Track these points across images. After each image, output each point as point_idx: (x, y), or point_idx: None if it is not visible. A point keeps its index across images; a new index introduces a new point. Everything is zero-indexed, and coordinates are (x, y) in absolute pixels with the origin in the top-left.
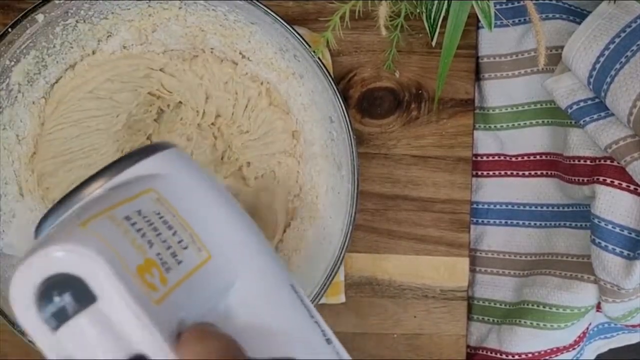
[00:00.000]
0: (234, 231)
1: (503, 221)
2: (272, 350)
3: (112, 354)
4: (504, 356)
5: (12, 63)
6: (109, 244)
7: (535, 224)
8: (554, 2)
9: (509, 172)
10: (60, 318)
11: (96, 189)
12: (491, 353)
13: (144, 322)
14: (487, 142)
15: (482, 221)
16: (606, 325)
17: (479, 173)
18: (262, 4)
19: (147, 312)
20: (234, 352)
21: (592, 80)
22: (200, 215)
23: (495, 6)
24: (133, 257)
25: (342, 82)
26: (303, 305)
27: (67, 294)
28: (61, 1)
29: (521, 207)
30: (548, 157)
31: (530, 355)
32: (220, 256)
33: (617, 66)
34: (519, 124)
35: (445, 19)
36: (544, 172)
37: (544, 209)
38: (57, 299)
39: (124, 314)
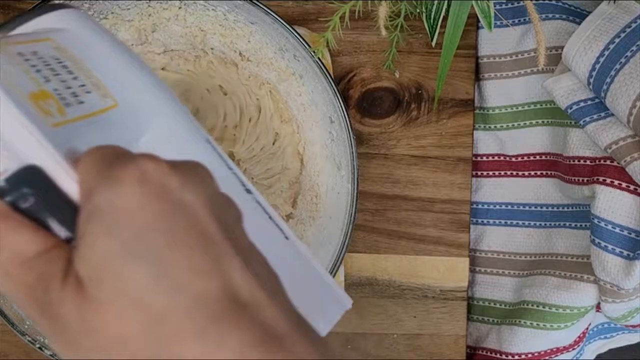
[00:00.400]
0: (143, 84)
1: (503, 221)
2: None
3: (3, 164)
4: (503, 356)
5: None
6: None
7: (535, 224)
8: (553, 2)
9: (508, 173)
10: None
11: None
12: (491, 353)
13: (35, 135)
14: (487, 142)
15: (482, 221)
16: (606, 325)
17: (479, 173)
18: (262, 4)
19: (39, 127)
20: (131, 152)
21: (592, 80)
22: (106, 66)
23: (495, 6)
24: (25, 84)
25: (342, 82)
26: (221, 158)
27: None
28: (60, 1)
29: (521, 207)
30: (548, 157)
31: (530, 355)
32: (128, 106)
33: (617, 66)
34: (519, 124)
35: (445, 19)
36: (544, 172)
37: (544, 209)
38: None
39: (13, 129)
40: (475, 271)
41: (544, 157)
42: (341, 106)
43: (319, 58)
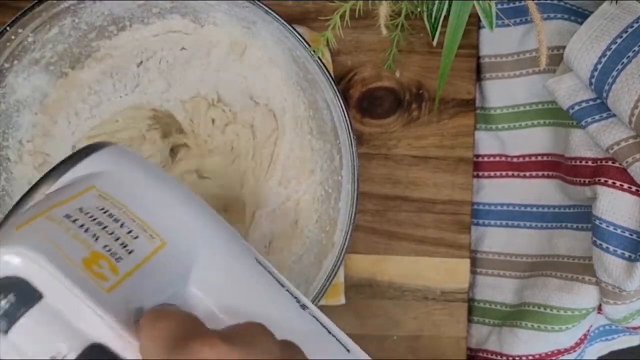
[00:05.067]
0: (187, 216)
1: (504, 222)
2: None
3: (67, 346)
4: (504, 358)
5: (8, 65)
6: (48, 240)
7: (536, 225)
8: (555, 2)
9: (510, 173)
10: (9, 320)
11: (39, 198)
12: (492, 355)
13: (95, 310)
14: (488, 143)
15: (483, 222)
16: (607, 327)
17: (480, 174)
18: (262, 3)
19: (97, 300)
20: (192, 326)
21: (593, 80)
22: (149, 204)
23: (496, 6)
24: (77, 250)
25: (342, 81)
26: (272, 276)
27: (11, 296)
28: (59, 1)
29: (522, 208)
30: (549, 158)
31: (530, 357)
32: (176, 241)
33: (619, 67)
34: (520, 125)
35: (446, 18)
36: (545, 173)
37: (545, 210)
38: (2, 302)
39: (73, 305)
40: (476, 272)
41: (545, 158)
42: (341, 106)
43: (319, 57)
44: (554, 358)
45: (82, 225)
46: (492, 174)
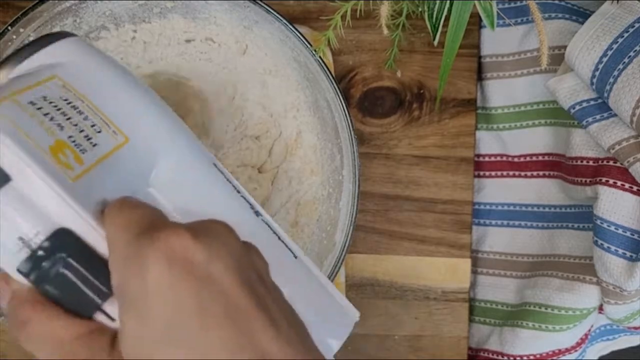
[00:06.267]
0: (150, 114)
1: (505, 222)
2: None
3: (34, 229)
4: (505, 358)
5: None
6: (16, 124)
7: (537, 225)
8: (556, 1)
9: (511, 173)
10: None
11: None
12: (493, 355)
13: (62, 196)
14: (489, 143)
15: (484, 222)
16: (608, 327)
17: (481, 174)
18: (264, 3)
19: (64, 187)
20: (158, 217)
21: (595, 80)
22: (112, 100)
23: (497, 5)
24: (43, 137)
25: (343, 81)
26: (228, 181)
27: None
28: (60, 0)
29: (523, 208)
30: (550, 158)
31: (532, 357)
32: (139, 138)
33: (620, 66)
34: (522, 124)
35: (447, 18)
36: (547, 172)
37: (546, 209)
38: None
39: (40, 190)
40: (477, 272)
41: (546, 158)
42: (342, 105)
43: (320, 57)
44: (555, 358)
45: (47, 114)
46: (493, 173)
